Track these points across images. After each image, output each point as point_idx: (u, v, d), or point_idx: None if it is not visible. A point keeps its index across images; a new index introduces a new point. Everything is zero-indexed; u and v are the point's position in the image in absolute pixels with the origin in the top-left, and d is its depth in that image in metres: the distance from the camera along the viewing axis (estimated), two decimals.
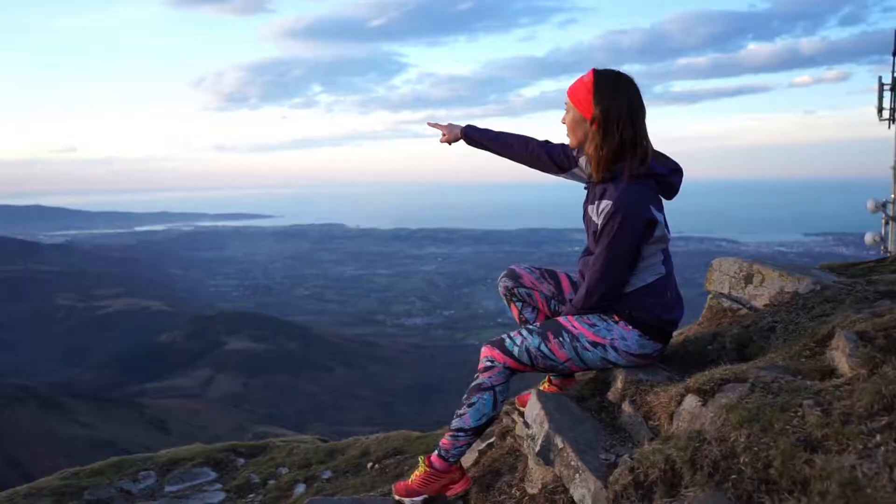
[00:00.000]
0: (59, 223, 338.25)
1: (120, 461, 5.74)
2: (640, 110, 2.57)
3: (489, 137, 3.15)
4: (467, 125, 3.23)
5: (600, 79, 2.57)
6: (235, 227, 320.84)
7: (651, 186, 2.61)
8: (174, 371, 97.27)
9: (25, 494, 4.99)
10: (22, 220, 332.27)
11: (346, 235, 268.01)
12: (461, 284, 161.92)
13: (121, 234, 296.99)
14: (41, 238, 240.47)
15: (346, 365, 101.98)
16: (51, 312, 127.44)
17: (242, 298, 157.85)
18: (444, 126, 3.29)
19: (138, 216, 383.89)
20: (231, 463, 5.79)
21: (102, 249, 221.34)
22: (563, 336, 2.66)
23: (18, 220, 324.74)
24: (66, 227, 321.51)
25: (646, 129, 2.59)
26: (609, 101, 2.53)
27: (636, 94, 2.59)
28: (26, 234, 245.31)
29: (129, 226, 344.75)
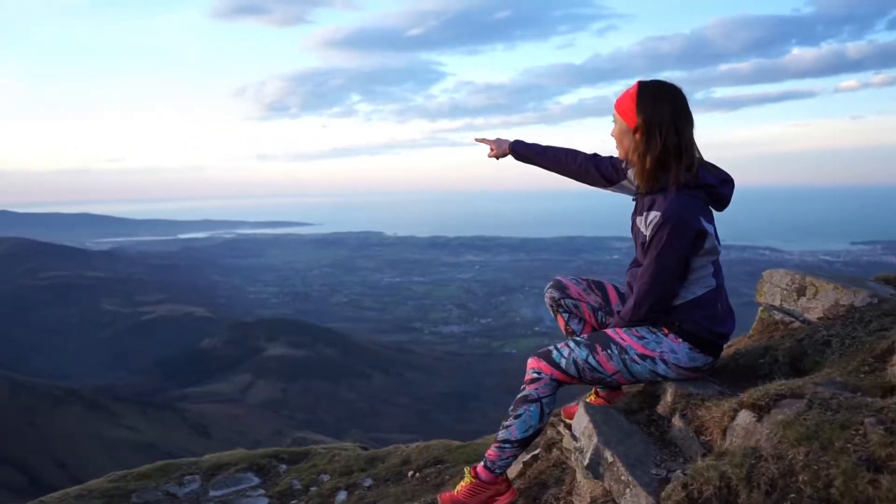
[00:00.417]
0: (106, 230, 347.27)
1: (166, 465, 5.85)
2: (684, 118, 2.55)
3: (537, 152, 3.14)
4: (515, 140, 3.22)
5: (644, 88, 2.58)
6: (275, 234, 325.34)
7: (701, 197, 2.57)
8: (215, 376, 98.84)
9: (76, 496, 5.11)
10: (71, 227, 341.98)
11: (384, 243, 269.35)
12: (498, 292, 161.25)
13: (164, 241, 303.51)
14: (89, 245, 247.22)
15: (383, 372, 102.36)
16: (97, 317, 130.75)
17: (281, 305, 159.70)
18: (491, 141, 3.29)
19: (181, 224, 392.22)
20: (273, 469, 5.85)
21: (146, 256, 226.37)
22: (612, 348, 2.63)
23: (68, 228, 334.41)
24: (113, 235, 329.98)
25: (692, 138, 2.56)
26: (652, 109, 2.53)
27: (681, 103, 2.56)
28: (75, 241, 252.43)
29: (173, 233, 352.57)
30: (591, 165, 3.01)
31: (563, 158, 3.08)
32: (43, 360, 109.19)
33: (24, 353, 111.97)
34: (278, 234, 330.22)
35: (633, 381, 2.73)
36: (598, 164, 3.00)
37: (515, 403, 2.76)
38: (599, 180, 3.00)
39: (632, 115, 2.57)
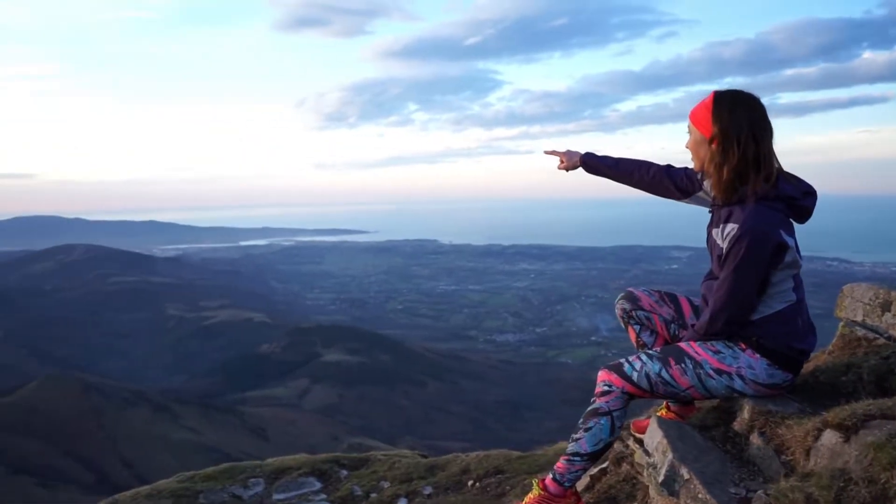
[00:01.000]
0: (172, 237, 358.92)
1: (231, 467, 5.98)
2: (762, 128, 2.48)
3: (608, 164, 3.10)
4: (586, 152, 3.19)
5: (720, 98, 2.53)
6: (333, 242, 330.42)
7: (781, 209, 2.49)
8: (273, 381, 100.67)
9: (147, 495, 5.27)
10: (139, 234, 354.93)
11: (440, 251, 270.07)
12: (554, 301, 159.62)
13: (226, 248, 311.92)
14: (155, 252, 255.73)
15: (437, 379, 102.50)
16: (162, 322, 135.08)
17: (338, 311, 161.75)
18: (562, 153, 3.27)
19: (242, 231, 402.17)
20: (335, 474, 5.91)
21: (209, 263, 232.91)
22: (686, 362, 2.57)
23: (136, 235, 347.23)
24: (178, 242, 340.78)
25: (771, 148, 2.49)
26: (728, 119, 2.48)
27: (759, 112, 2.49)
28: (142, 247, 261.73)
29: (234, 240, 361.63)
30: (665, 177, 2.96)
31: (636, 170, 3.03)
32: (113, 363, 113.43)
33: (95, 356, 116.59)
34: (336, 241, 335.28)
35: (708, 397, 2.66)
36: (673, 175, 2.95)
37: (585, 416, 2.72)
38: (674, 192, 2.95)
39: (707, 126, 2.53)
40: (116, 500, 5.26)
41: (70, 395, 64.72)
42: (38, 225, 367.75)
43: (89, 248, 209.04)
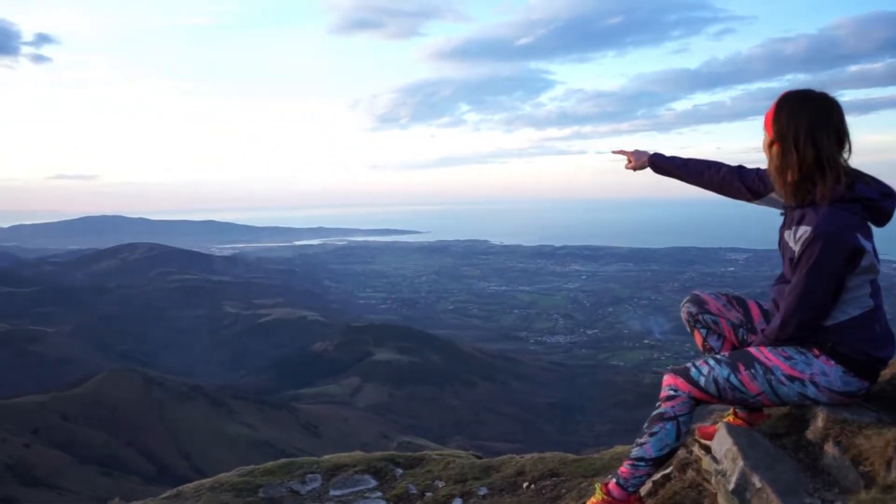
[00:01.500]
0: (229, 237, 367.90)
1: (289, 463, 6.09)
2: (825, 130, 2.38)
3: (677, 165, 3.07)
4: (654, 153, 3.16)
5: (783, 100, 2.48)
6: (385, 242, 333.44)
7: (857, 212, 2.39)
8: (326, 378, 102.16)
9: (210, 488, 5.41)
10: (198, 233, 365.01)
11: (490, 251, 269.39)
12: (606, 303, 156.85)
13: (281, 247, 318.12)
14: (213, 250, 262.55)
15: (487, 380, 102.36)
16: (219, 319, 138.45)
17: (390, 311, 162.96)
18: (630, 152, 3.24)
19: (297, 231, 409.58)
20: (390, 472, 5.95)
21: (265, 262, 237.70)
22: (756, 368, 2.50)
23: (195, 234, 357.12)
24: (235, 241, 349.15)
25: (836, 150, 2.40)
26: (785, 122, 2.43)
27: (823, 114, 2.40)
28: (201, 246, 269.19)
29: (289, 240, 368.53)
30: (736, 178, 2.90)
31: (706, 171, 2.98)
32: (173, 358, 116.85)
33: (157, 351, 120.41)
34: (388, 241, 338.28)
35: (779, 404, 2.58)
36: (744, 176, 2.89)
37: (650, 420, 2.67)
38: (745, 193, 2.89)
39: (769, 128, 2.50)
40: (181, 491, 5.42)
41: (133, 389, 66.89)
42: (103, 224, 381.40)
43: (151, 247, 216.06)
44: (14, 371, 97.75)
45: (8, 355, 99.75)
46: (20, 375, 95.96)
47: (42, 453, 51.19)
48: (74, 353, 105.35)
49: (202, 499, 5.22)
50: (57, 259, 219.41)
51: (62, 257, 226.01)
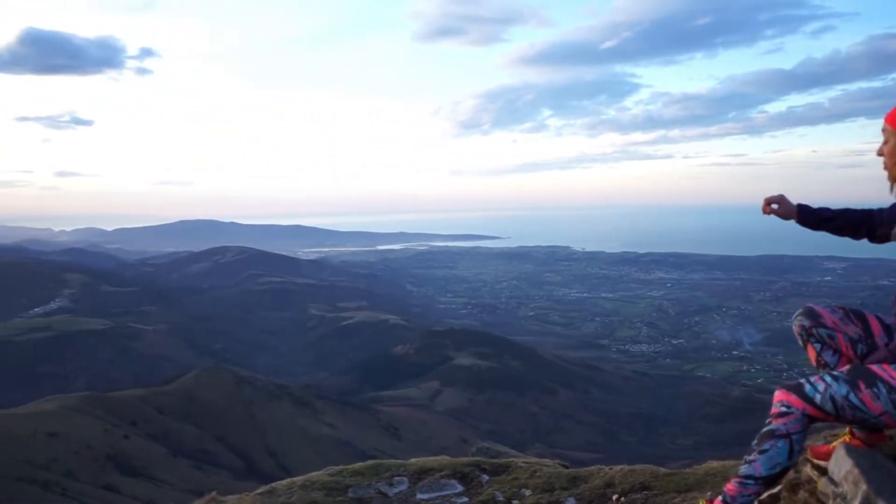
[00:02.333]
0: (315, 241, 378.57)
1: (377, 465, 6.17)
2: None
3: (827, 216, 2.86)
4: (799, 204, 2.92)
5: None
6: (466, 247, 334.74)
7: None
8: (406, 381, 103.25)
9: (301, 486, 5.55)
10: (286, 237, 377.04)
11: (572, 258, 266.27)
12: (692, 312, 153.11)
13: (364, 251, 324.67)
14: (300, 254, 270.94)
15: (568, 388, 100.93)
16: (305, 321, 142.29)
17: (470, 316, 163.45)
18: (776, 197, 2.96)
19: (380, 236, 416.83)
20: (476, 478, 5.94)
21: (348, 265, 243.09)
22: (878, 386, 2.34)
23: (283, 238, 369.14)
24: (320, 245, 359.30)
25: None
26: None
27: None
28: (288, 250, 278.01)
29: (372, 244, 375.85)
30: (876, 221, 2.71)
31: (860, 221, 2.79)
32: (261, 358, 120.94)
33: (246, 351, 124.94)
34: (469, 246, 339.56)
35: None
36: None
37: (760, 437, 2.55)
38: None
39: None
40: (274, 488, 5.58)
41: (223, 387, 69.55)
42: (197, 228, 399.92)
43: (241, 250, 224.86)
44: (115, 366, 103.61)
45: (110, 351, 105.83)
46: (121, 370, 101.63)
47: (140, 445, 53.94)
48: (170, 350, 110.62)
49: (294, 496, 5.36)
50: (155, 261, 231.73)
51: (160, 259, 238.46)
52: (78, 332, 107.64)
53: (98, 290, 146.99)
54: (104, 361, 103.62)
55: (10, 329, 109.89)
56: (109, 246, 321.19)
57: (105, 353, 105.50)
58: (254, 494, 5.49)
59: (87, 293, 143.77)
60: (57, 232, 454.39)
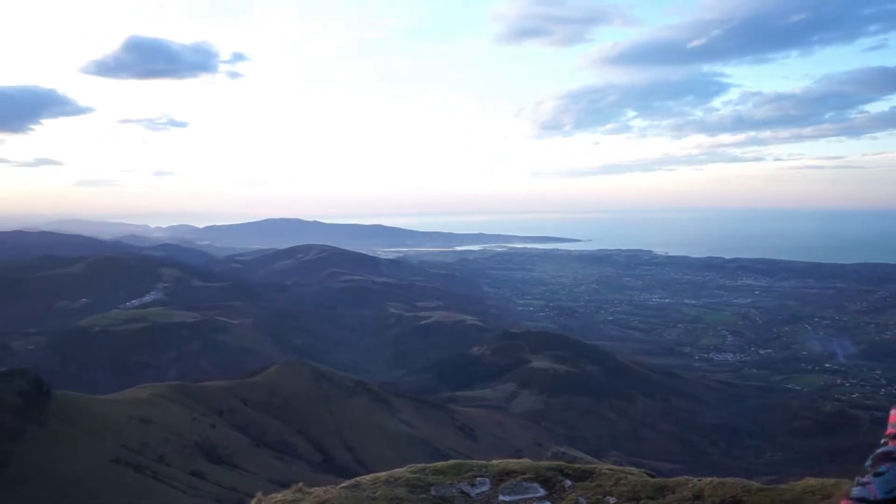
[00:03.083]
0: (394, 240, 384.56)
1: (459, 464, 6.20)
2: None
3: None
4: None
5: None
6: (545, 249, 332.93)
7: None
8: (482, 382, 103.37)
9: (385, 481, 5.63)
10: (366, 237, 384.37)
11: (654, 262, 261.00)
12: (781, 321, 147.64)
13: (443, 252, 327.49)
14: (380, 253, 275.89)
15: (647, 395, 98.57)
16: (383, 319, 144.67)
17: (547, 319, 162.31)
18: None
19: (458, 236, 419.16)
20: (559, 483, 5.88)
21: (427, 265, 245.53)
22: None
23: (363, 237, 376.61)
24: (400, 245, 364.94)
25: None
26: None
27: None
28: (368, 249, 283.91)
29: (450, 245, 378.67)
30: None
31: None
32: (341, 354, 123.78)
33: (327, 347, 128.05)
34: (547, 248, 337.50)
35: None
36: None
37: (876, 459, 2.41)
38: None
39: None
40: (358, 482, 5.69)
41: (304, 381, 71.41)
42: (282, 226, 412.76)
43: (323, 249, 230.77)
44: (204, 357, 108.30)
45: (199, 344, 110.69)
46: (208, 362, 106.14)
47: (225, 434, 56.06)
48: (254, 344, 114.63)
49: (378, 491, 5.46)
50: (243, 257, 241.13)
51: (247, 256, 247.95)
52: (171, 325, 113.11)
53: (189, 285, 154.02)
54: (194, 352, 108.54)
55: (109, 319, 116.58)
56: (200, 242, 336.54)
57: (195, 344, 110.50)
58: (339, 487, 5.61)
59: (179, 287, 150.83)
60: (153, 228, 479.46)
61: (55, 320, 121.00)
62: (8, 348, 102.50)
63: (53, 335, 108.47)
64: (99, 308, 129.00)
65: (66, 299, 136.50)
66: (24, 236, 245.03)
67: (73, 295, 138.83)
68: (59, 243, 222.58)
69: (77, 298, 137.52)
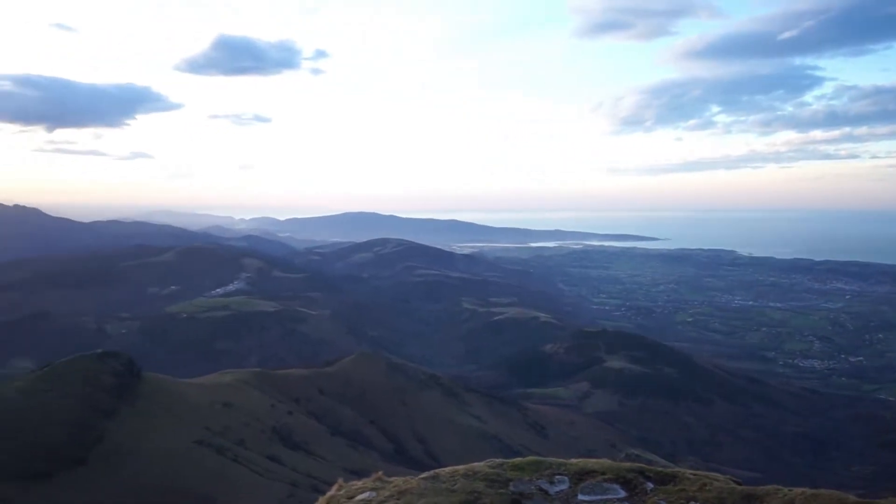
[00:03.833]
0: (469, 236, 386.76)
1: (537, 461, 6.16)
2: None
3: None
4: None
5: None
6: (622, 247, 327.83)
7: None
8: (555, 380, 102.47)
9: (464, 475, 5.66)
10: (442, 232, 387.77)
11: (737, 263, 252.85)
12: (874, 328, 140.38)
13: (517, 248, 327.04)
14: (455, 248, 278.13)
15: (727, 400, 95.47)
16: (457, 314, 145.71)
17: (624, 318, 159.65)
18: None
19: (534, 233, 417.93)
20: (640, 485, 5.77)
21: (501, 261, 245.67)
22: None
23: (439, 232, 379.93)
24: (475, 240, 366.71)
25: None
26: None
27: None
28: (444, 244, 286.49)
29: (525, 241, 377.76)
30: None
31: None
32: (414, 347, 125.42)
33: (402, 340, 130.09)
34: (625, 247, 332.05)
35: None
36: None
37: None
38: None
39: None
40: (437, 474, 5.74)
41: (378, 372, 72.66)
42: (360, 220, 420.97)
43: (400, 242, 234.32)
44: (283, 346, 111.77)
45: (279, 332, 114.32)
46: (287, 350, 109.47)
47: (302, 421, 57.65)
48: (331, 334, 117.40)
49: (458, 484, 5.49)
50: (322, 250, 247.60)
51: (326, 248, 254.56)
52: (252, 313, 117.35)
53: (270, 275, 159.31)
54: (273, 341, 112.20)
55: (195, 307, 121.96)
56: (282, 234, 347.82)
57: (274, 333, 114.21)
58: (418, 478, 5.68)
59: (261, 277, 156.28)
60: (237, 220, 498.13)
61: (146, 306, 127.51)
62: (103, 331, 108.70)
63: (144, 320, 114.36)
64: (186, 295, 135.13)
65: (156, 286, 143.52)
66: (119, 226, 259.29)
67: (163, 282, 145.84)
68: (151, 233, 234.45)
69: (166, 286, 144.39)
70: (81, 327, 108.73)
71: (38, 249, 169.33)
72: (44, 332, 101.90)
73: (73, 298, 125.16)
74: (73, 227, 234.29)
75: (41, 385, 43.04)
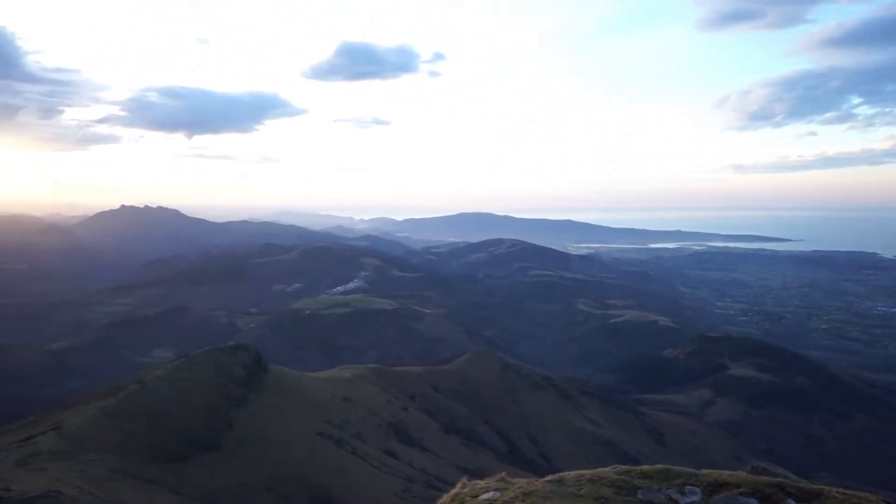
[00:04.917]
0: (585, 236, 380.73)
1: (666, 470, 5.95)
2: None
3: None
4: None
5: None
6: (749, 249, 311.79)
7: None
8: (674, 386, 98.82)
9: (590, 479, 5.55)
10: (556, 232, 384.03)
11: (880, 266, 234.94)
12: None
13: (635, 249, 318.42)
14: (570, 249, 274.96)
15: (867, 413, 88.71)
16: (572, 316, 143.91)
17: (749, 324, 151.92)
18: None
19: (653, 233, 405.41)
20: (780, 501, 5.44)
21: (619, 263, 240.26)
22: None
23: (553, 232, 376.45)
24: (590, 241, 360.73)
25: None
26: None
27: None
28: (558, 244, 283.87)
29: (644, 242, 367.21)
30: None
31: None
32: (528, 347, 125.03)
33: (516, 340, 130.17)
34: (752, 248, 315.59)
35: None
36: None
37: None
38: None
39: None
40: (562, 478, 5.66)
41: (492, 371, 72.85)
42: (475, 220, 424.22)
43: (514, 243, 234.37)
44: (399, 343, 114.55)
45: (395, 330, 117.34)
46: (403, 348, 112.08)
47: (416, 418, 58.71)
48: (446, 333, 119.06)
49: (584, 489, 5.39)
50: (437, 249, 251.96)
51: (442, 248, 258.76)
52: (371, 311, 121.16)
53: (388, 274, 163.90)
54: (391, 338, 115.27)
55: (318, 304, 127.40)
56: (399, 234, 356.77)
57: (392, 330, 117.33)
58: (543, 481, 5.62)
59: (379, 276, 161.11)
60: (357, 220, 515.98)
61: (272, 302, 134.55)
62: (234, 325, 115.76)
63: (271, 315, 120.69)
64: (309, 292, 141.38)
65: (281, 283, 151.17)
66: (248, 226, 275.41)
67: (288, 279, 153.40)
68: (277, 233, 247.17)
69: (291, 283, 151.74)
70: (214, 321, 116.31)
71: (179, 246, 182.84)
72: (182, 325, 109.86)
73: (207, 294, 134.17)
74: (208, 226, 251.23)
75: (179, 374, 46.25)
